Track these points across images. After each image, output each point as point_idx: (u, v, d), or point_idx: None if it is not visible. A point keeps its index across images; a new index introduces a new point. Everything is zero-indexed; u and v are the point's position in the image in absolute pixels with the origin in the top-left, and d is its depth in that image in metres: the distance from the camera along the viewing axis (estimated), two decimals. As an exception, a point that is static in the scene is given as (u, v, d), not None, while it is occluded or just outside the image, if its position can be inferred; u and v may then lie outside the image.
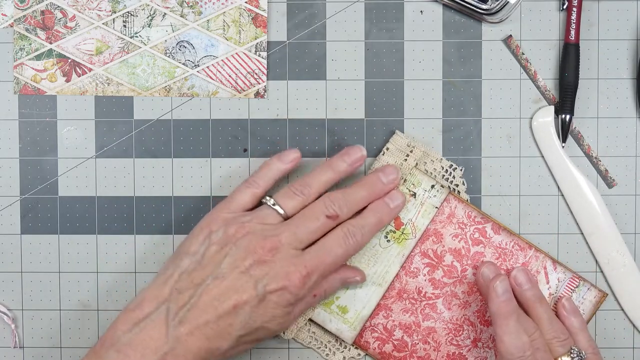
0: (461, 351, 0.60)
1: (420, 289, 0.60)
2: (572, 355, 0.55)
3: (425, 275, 0.60)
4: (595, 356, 0.57)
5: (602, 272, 0.62)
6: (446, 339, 0.60)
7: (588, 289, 0.60)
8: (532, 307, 0.57)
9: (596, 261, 0.62)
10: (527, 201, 0.63)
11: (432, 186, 0.60)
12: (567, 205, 0.62)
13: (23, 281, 0.63)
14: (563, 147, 0.62)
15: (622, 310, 0.62)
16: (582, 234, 0.62)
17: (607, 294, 0.61)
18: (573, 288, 0.60)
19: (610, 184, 0.63)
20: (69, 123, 0.63)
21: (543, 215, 0.63)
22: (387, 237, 0.60)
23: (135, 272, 0.63)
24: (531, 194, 0.63)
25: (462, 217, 0.60)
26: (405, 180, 0.60)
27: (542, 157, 0.63)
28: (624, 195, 0.63)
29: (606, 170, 0.63)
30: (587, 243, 0.62)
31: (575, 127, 0.63)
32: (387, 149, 0.60)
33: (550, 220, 0.63)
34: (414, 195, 0.59)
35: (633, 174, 0.63)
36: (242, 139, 0.63)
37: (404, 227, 0.59)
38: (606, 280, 0.62)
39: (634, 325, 0.63)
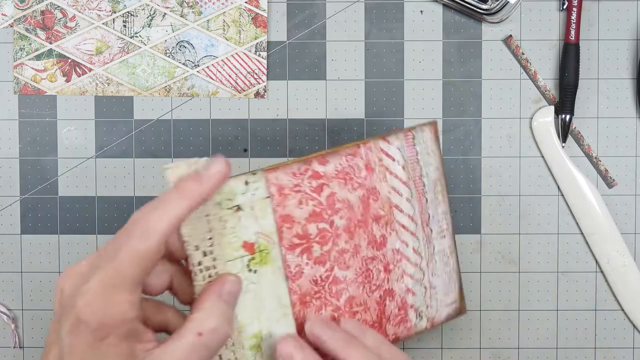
0: (384, 287, 0.55)
1: (313, 278, 0.51)
2: None
3: (307, 262, 0.51)
4: None
5: (602, 272, 0.62)
6: (366, 292, 0.54)
7: (422, 131, 0.56)
8: (342, 356, 0.47)
9: (596, 261, 0.62)
10: (527, 201, 0.63)
11: (246, 182, 0.49)
12: (567, 205, 0.62)
13: (23, 281, 0.63)
14: (563, 147, 0.62)
15: (622, 310, 0.62)
16: (582, 234, 0.62)
17: (437, 121, 0.57)
18: (413, 143, 0.55)
19: (610, 184, 0.63)
20: (69, 123, 0.63)
21: (543, 215, 0.63)
22: (250, 269, 0.48)
23: (135, 272, 0.63)
24: (531, 194, 0.63)
25: (289, 180, 0.51)
26: (219, 203, 0.48)
27: (542, 157, 0.63)
28: (624, 195, 0.63)
29: (606, 170, 0.63)
30: (587, 243, 0.63)
31: (575, 127, 0.63)
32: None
33: (550, 220, 0.63)
34: (239, 207, 0.48)
35: (633, 174, 0.63)
36: (242, 139, 0.63)
37: (257, 244, 0.49)
38: (606, 280, 0.62)
39: (634, 325, 0.63)
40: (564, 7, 0.62)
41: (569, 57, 0.61)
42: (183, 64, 0.62)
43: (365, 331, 0.49)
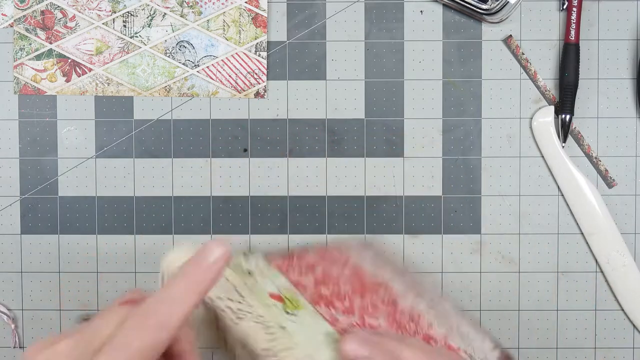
0: (421, 332, 0.54)
1: (351, 324, 0.51)
2: None
3: (337, 313, 0.51)
4: None
5: (602, 272, 0.62)
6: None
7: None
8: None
9: (596, 261, 0.62)
10: (527, 201, 0.63)
11: (244, 254, 0.52)
12: (567, 205, 0.62)
13: (23, 281, 0.63)
14: (563, 147, 0.62)
15: (622, 310, 0.62)
16: (582, 234, 0.62)
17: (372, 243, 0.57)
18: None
19: (610, 184, 0.63)
20: (69, 123, 0.63)
21: (543, 215, 0.63)
22: (288, 312, 0.50)
23: (135, 272, 0.63)
24: (531, 194, 0.63)
25: (282, 262, 0.54)
26: (233, 269, 0.50)
27: (542, 157, 0.63)
28: (624, 195, 0.63)
29: (606, 170, 0.63)
30: (587, 243, 0.63)
31: (575, 127, 0.63)
32: None
33: (550, 220, 0.63)
34: (250, 272, 0.50)
35: (633, 174, 0.63)
36: (242, 139, 0.63)
37: (282, 294, 0.50)
38: (606, 280, 0.62)
39: (634, 325, 0.63)
40: (564, 7, 0.62)
41: (569, 57, 0.61)
42: (183, 64, 0.62)
43: (405, 338, 0.48)
